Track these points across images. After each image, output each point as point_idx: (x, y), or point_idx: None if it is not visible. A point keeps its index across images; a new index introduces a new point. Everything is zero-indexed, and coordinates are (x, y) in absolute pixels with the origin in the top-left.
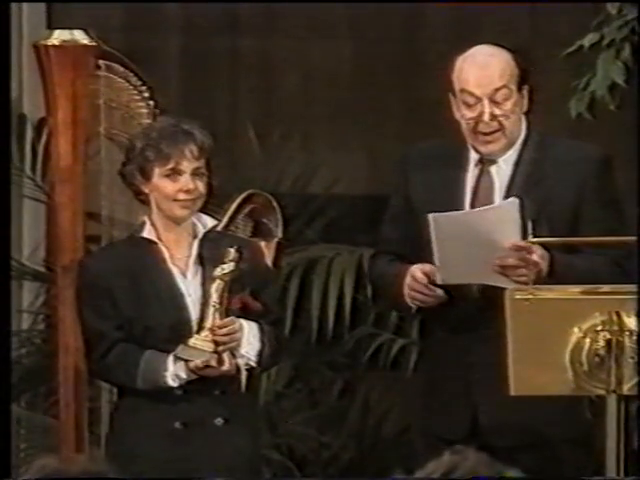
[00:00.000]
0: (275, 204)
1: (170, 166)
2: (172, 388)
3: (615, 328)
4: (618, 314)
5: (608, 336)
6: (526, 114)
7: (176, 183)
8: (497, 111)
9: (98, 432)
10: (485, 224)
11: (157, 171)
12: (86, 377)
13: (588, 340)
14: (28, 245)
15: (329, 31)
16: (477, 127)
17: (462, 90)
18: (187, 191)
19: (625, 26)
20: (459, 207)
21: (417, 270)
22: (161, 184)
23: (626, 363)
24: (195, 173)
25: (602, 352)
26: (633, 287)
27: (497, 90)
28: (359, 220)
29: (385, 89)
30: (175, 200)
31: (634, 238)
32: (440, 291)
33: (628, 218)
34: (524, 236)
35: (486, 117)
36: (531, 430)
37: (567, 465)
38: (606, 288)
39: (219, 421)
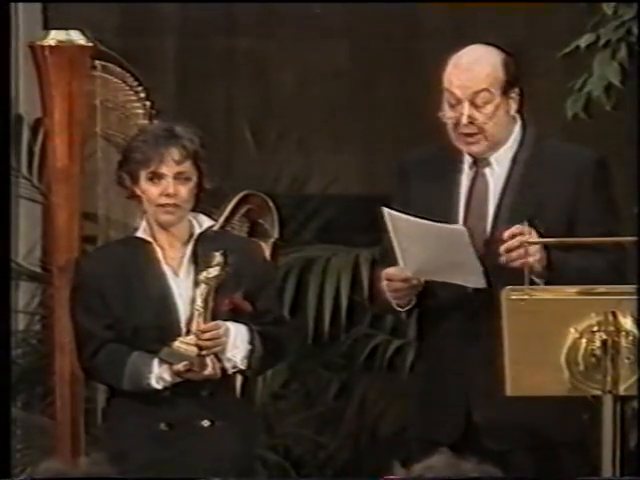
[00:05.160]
0: (271, 205)
1: (151, 169)
2: (159, 390)
3: (611, 328)
4: (614, 314)
5: (604, 336)
6: (520, 115)
7: (158, 187)
8: (476, 114)
9: (94, 433)
10: (440, 237)
11: (142, 174)
12: (82, 377)
13: (584, 340)
14: (24, 245)
15: (326, 32)
16: (457, 127)
17: (446, 89)
18: (168, 195)
19: (621, 27)
20: (454, 211)
21: (388, 269)
22: (146, 187)
23: (622, 363)
24: (177, 177)
25: (598, 352)
26: (629, 287)
27: (477, 93)
28: (355, 221)
29: (382, 90)
30: (158, 205)
31: (634, 238)
32: (415, 280)
33: (626, 219)
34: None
35: (464, 119)
36: (527, 431)
37: (563, 466)
38: (602, 288)
39: (206, 423)
